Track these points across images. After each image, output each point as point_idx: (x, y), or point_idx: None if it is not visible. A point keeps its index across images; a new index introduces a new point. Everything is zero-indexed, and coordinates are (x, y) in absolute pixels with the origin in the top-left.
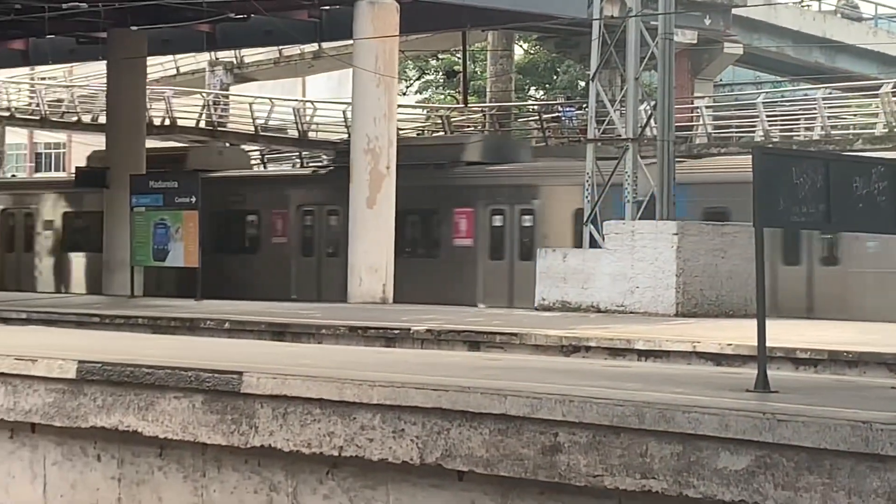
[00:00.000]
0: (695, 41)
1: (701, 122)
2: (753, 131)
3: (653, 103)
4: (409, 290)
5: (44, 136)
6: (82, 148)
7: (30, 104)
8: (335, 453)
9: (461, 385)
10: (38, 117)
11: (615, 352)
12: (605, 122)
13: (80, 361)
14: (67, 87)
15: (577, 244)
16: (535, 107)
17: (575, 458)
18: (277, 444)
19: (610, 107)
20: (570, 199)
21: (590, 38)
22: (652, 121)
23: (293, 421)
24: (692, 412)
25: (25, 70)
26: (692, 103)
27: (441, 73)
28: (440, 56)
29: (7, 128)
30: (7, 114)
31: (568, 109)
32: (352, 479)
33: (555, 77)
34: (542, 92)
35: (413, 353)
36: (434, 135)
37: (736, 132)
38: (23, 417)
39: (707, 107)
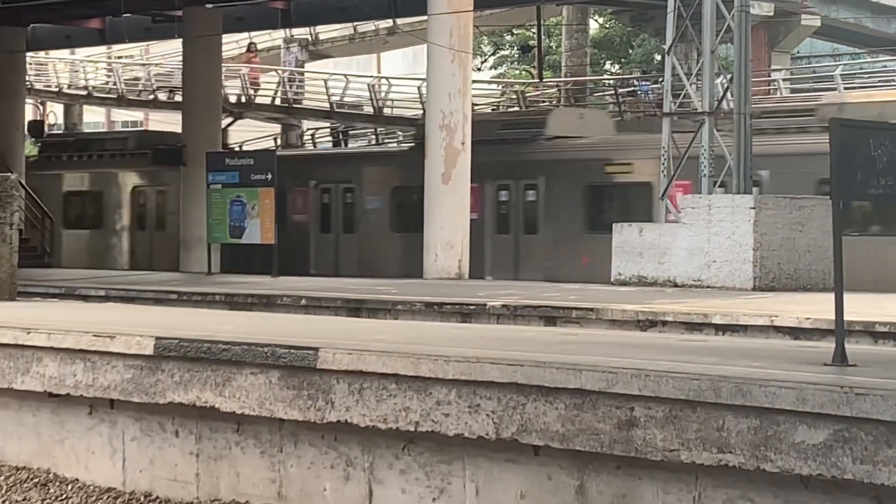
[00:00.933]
0: (771, 13)
1: (778, 94)
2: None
3: (729, 76)
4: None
5: (121, 115)
6: (158, 126)
7: (107, 83)
8: (411, 428)
9: (537, 360)
10: (114, 96)
11: (692, 326)
12: (681, 96)
13: (157, 338)
14: (144, 65)
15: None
16: (611, 81)
17: (651, 433)
18: (354, 420)
19: (686, 80)
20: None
21: (665, 12)
22: (728, 94)
23: (369, 396)
24: (769, 386)
25: (102, 49)
26: (769, 76)
27: (516, 49)
28: (515, 31)
29: (85, 106)
30: (85, 93)
31: (644, 84)
32: (428, 453)
33: (630, 51)
34: (617, 66)
35: (489, 328)
36: (510, 110)
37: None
38: (102, 393)
39: (784, 79)
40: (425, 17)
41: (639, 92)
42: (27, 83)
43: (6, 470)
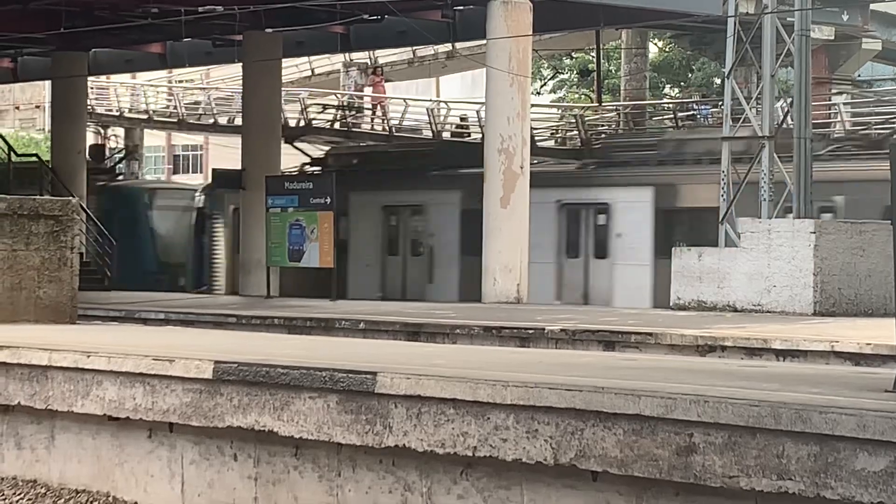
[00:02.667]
0: (832, 37)
1: (839, 118)
2: (893, 127)
3: (789, 100)
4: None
5: (181, 139)
6: (219, 150)
7: (167, 107)
8: (469, 453)
9: (595, 385)
10: (175, 120)
11: (751, 351)
12: (741, 120)
13: (216, 362)
14: (204, 89)
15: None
16: (670, 105)
17: (710, 459)
18: (412, 444)
19: (746, 104)
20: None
21: (725, 36)
22: (788, 118)
23: (427, 421)
24: (829, 413)
25: (163, 73)
26: (829, 100)
27: (575, 72)
28: (574, 55)
29: (146, 130)
30: (145, 116)
31: (703, 107)
32: (486, 479)
33: (690, 75)
34: (676, 90)
35: (547, 353)
36: (568, 135)
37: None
38: (161, 417)
39: (845, 103)
40: (484, 42)
41: (698, 116)
42: (88, 107)
43: (66, 493)
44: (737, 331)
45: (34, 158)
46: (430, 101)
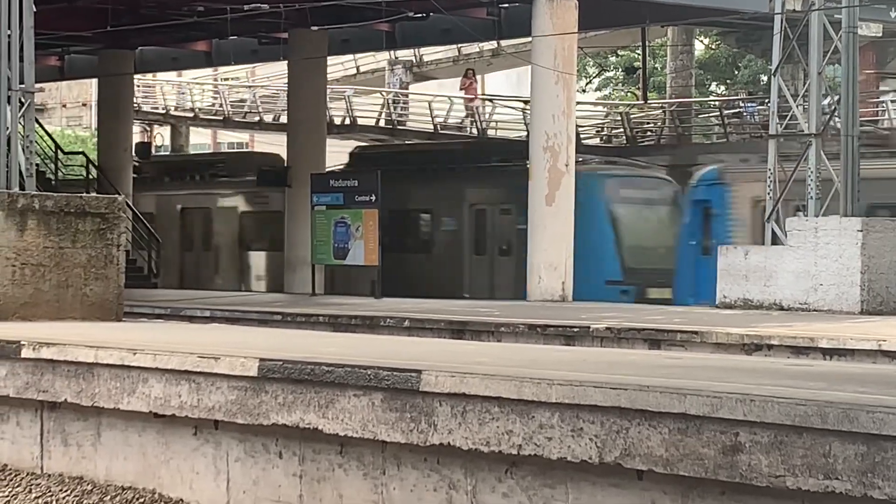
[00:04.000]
0: (879, 34)
1: (886, 116)
2: None
3: (836, 97)
4: None
5: (227, 136)
6: (264, 147)
7: (213, 105)
8: (514, 452)
9: (640, 384)
10: (221, 118)
11: (798, 350)
12: (788, 118)
13: (261, 359)
14: (249, 87)
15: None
16: (717, 102)
17: (756, 458)
18: (456, 443)
19: (792, 102)
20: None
21: (771, 33)
22: (836, 115)
23: (472, 419)
24: (877, 412)
25: (209, 71)
26: (877, 97)
27: (620, 70)
28: (620, 52)
29: (191, 128)
30: (191, 114)
31: (749, 105)
32: (531, 477)
33: (736, 72)
34: (723, 87)
35: (592, 351)
36: (613, 132)
37: None
38: (206, 414)
39: (893, 101)
40: (529, 39)
41: (744, 114)
42: (135, 105)
43: (112, 490)
44: (783, 329)
45: (81, 156)
46: (475, 98)
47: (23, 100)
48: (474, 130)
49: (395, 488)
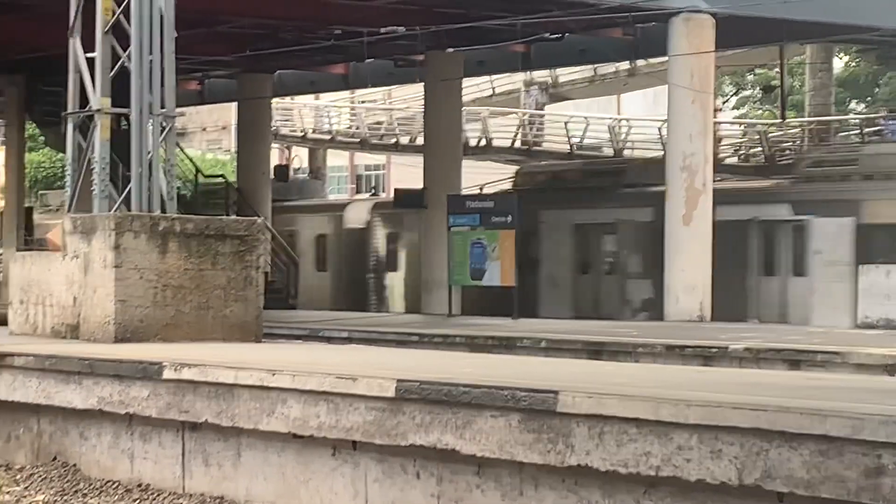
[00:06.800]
0: None
1: None
2: None
3: None
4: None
5: (364, 158)
6: (401, 169)
7: (350, 127)
8: (652, 473)
9: (780, 405)
10: (358, 140)
11: None
12: None
13: (398, 380)
14: (386, 109)
15: None
16: (856, 121)
17: None
18: (594, 464)
19: None
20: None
21: None
22: None
23: (609, 440)
24: None
25: (346, 94)
26: None
27: (758, 88)
28: (757, 71)
29: (328, 150)
30: (328, 137)
31: (891, 122)
32: (669, 499)
33: (876, 89)
34: (863, 105)
35: (731, 372)
36: (751, 151)
37: None
38: (344, 435)
39: None
40: (666, 58)
41: (885, 131)
42: (273, 128)
43: None
44: None
45: (220, 179)
46: (611, 118)
47: (164, 124)
48: (610, 150)
49: None
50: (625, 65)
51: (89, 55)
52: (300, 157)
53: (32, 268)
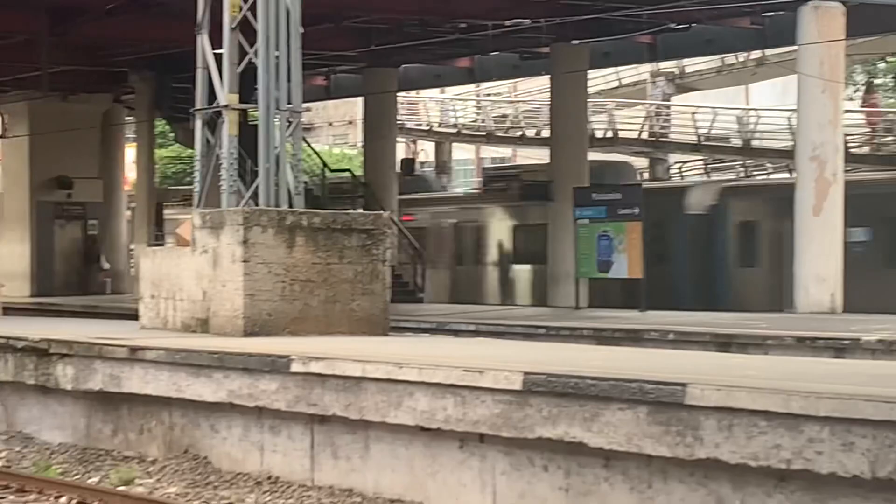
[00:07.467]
0: None
1: None
2: None
3: None
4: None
5: (489, 151)
6: (526, 162)
7: (476, 120)
8: (783, 466)
9: None
10: (483, 133)
11: None
12: None
13: (525, 373)
14: (511, 102)
15: None
16: None
17: None
18: (723, 457)
19: None
20: None
21: None
22: None
23: (739, 433)
24: None
25: (471, 87)
26: None
27: (891, 77)
28: (889, 59)
29: (454, 144)
30: (454, 130)
31: None
32: (800, 492)
33: None
34: None
35: (863, 363)
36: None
37: None
38: (471, 428)
39: None
40: (795, 48)
41: None
42: (399, 122)
43: (381, 502)
44: None
45: (347, 173)
46: (739, 109)
47: (291, 119)
48: (738, 141)
49: (662, 502)
50: (753, 54)
51: (217, 51)
52: (426, 151)
53: (163, 263)
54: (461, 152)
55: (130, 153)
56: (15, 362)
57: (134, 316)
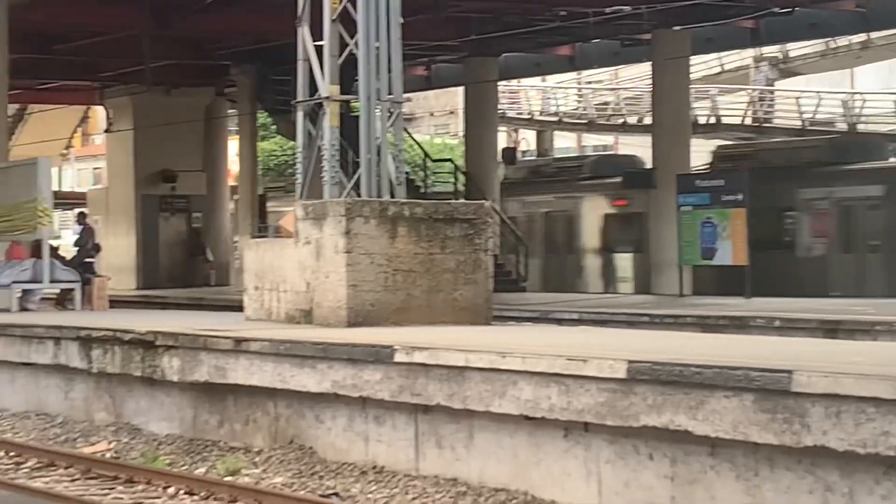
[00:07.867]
0: None
1: None
2: None
3: None
4: None
5: (591, 139)
6: (628, 150)
7: (577, 108)
8: (891, 453)
9: None
10: (585, 121)
11: None
12: None
13: (629, 361)
14: (613, 89)
15: None
16: None
17: None
18: (831, 444)
19: None
20: None
21: None
22: None
23: (846, 420)
24: None
25: (572, 75)
26: None
27: None
28: None
29: (556, 132)
30: (555, 118)
31: None
32: None
33: None
34: None
35: None
36: None
37: None
38: (576, 416)
39: None
40: None
41: None
42: (500, 111)
43: (486, 491)
44: None
45: (448, 163)
46: (845, 93)
47: (391, 110)
48: (844, 126)
49: (769, 490)
50: (858, 37)
51: (317, 43)
52: (527, 140)
53: (266, 255)
54: (563, 140)
55: (233, 146)
56: (122, 355)
57: (238, 308)
